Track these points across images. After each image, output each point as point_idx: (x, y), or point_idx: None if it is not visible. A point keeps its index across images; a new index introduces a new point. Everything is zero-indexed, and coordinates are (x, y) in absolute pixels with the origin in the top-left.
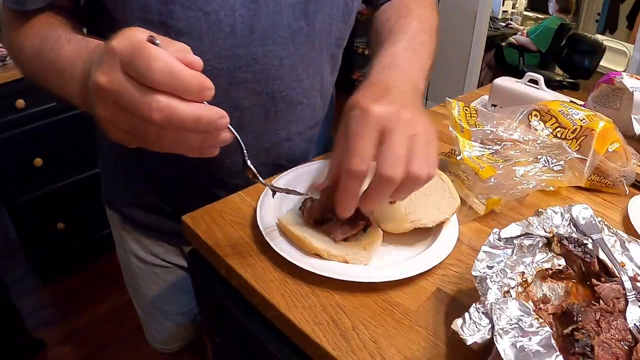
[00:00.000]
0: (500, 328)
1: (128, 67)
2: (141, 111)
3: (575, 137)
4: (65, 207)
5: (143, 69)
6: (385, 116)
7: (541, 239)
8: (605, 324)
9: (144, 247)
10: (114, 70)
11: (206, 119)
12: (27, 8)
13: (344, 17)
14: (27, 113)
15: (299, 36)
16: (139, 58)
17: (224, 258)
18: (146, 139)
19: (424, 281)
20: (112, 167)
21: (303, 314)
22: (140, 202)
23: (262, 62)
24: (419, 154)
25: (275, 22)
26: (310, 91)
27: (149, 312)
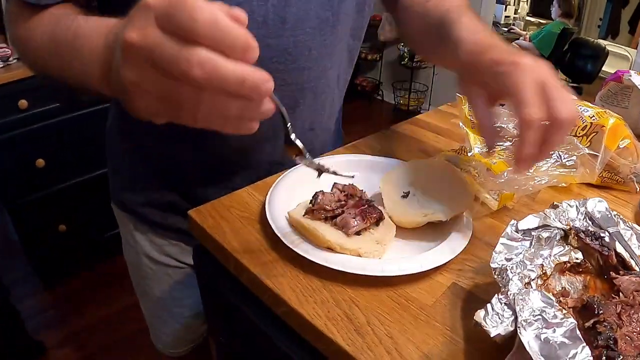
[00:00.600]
0: (524, 320)
1: (166, 20)
2: (179, 66)
3: (586, 134)
4: (66, 208)
5: (185, 20)
6: (535, 67)
7: (559, 231)
8: (626, 317)
9: (158, 248)
10: (148, 25)
11: (251, 80)
12: (43, 2)
13: (357, 7)
14: (30, 114)
15: (326, 26)
16: (180, 9)
17: (232, 253)
18: (179, 105)
19: (439, 276)
20: (125, 167)
21: (315, 309)
22: (155, 202)
23: (293, 53)
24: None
25: (305, 12)
26: (332, 81)
27: (158, 314)
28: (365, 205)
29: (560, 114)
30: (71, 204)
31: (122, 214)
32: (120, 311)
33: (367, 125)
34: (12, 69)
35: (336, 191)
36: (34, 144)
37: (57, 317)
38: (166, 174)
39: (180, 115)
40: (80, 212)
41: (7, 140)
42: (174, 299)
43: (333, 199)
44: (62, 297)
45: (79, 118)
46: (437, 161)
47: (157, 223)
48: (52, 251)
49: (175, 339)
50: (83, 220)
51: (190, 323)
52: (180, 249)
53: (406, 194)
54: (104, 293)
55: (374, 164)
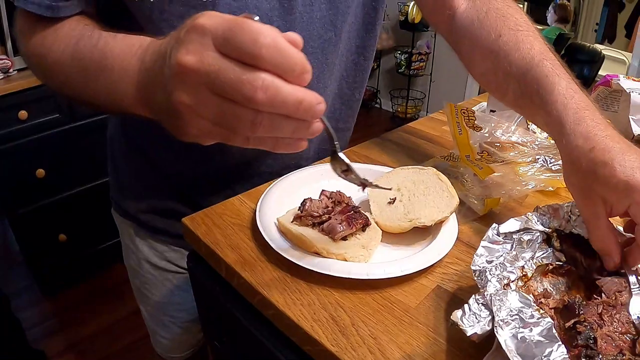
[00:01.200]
0: (501, 319)
1: (226, 43)
2: (242, 91)
3: None
4: (66, 218)
5: (248, 44)
6: None
7: (540, 234)
8: (607, 317)
9: (158, 254)
10: (205, 49)
11: (307, 102)
12: (61, 15)
13: (365, 27)
14: (30, 124)
15: (328, 46)
16: (242, 33)
17: (223, 258)
18: (234, 128)
19: (423, 279)
20: (126, 174)
21: (302, 311)
22: (157, 208)
23: None
24: None
25: (309, 33)
26: (330, 95)
27: (158, 319)
28: (351, 212)
29: None
30: (71, 214)
31: (123, 220)
32: (121, 320)
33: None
34: (13, 80)
35: (324, 198)
36: (34, 155)
37: (58, 327)
38: (168, 183)
39: (232, 137)
40: (80, 222)
41: (8, 151)
42: (173, 304)
43: (321, 205)
44: (62, 307)
45: (78, 128)
46: (423, 168)
47: (157, 229)
48: (52, 261)
49: (175, 344)
50: (83, 230)
51: (190, 327)
52: (180, 254)
53: (393, 200)
54: (104, 302)
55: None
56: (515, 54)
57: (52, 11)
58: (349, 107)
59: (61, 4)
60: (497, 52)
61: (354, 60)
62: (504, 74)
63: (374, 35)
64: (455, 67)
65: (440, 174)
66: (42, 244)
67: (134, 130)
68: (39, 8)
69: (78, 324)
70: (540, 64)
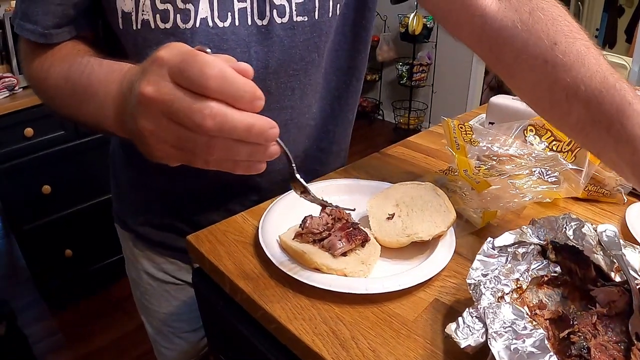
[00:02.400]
0: (494, 331)
1: (178, 74)
2: (193, 119)
3: (571, 149)
4: (72, 234)
5: (196, 75)
6: None
7: (535, 246)
8: (602, 327)
9: (156, 265)
10: (162, 80)
11: (258, 127)
12: (54, 41)
13: (355, 47)
14: (36, 141)
15: (311, 67)
16: (191, 64)
17: (227, 275)
18: (193, 151)
19: (421, 292)
20: (126, 188)
21: (303, 326)
22: (153, 221)
23: (276, 94)
24: None
25: (290, 56)
26: (317, 113)
27: (160, 330)
28: (350, 228)
29: None
30: (77, 230)
31: (123, 232)
32: (127, 334)
33: (368, 145)
34: (18, 98)
35: (324, 215)
36: (40, 171)
37: (65, 341)
38: (165, 199)
39: (193, 160)
40: (86, 237)
41: (14, 168)
42: (173, 315)
43: (321, 222)
44: (69, 321)
45: (83, 145)
46: (421, 183)
47: (154, 241)
48: (58, 276)
49: (177, 354)
50: (89, 245)
51: (191, 338)
52: (177, 266)
53: (391, 216)
54: (110, 317)
55: (362, 188)
56: (581, 69)
57: (45, 38)
58: (343, 128)
59: (53, 31)
60: (554, 63)
61: (345, 82)
62: (565, 94)
63: (365, 55)
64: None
65: (438, 189)
66: (48, 260)
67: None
68: (33, 35)
69: (84, 338)
70: (618, 86)
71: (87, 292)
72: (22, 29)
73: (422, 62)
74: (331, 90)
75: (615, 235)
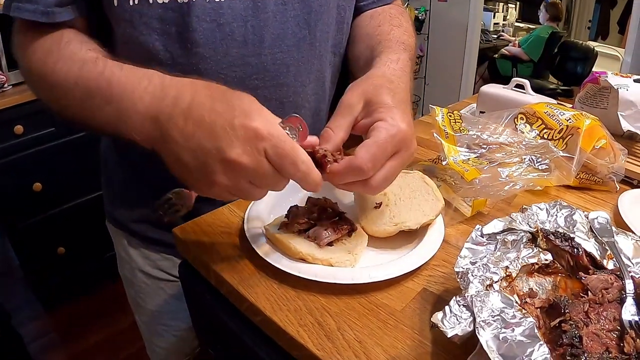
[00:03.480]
0: (482, 320)
1: (276, 161)
2: (272, 188)
3: (562, 136)
4: (65, 231)
5: (289, 166)
6: (407, 139)
7: (525, 234)
8: (594, 315)
9: (151, 262)
10: (257, 154)
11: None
12: (57, 20)
13: (337, 26)
14: (26, 139)
15: (303, 44)
16: (289, 156)
17: (212, 267)
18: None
19: (409, 282)
20: (119, 185)
21: (288, 317)
22: (147, 217)
23: (272, 70)
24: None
25: (282, 31)
26: (311, 95)
27: (153, 328)
28: (336, 218)
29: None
30: (69, 227)
31: (116, 230)
32: (122, 332)
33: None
34: (7, 96)
35: (310, 205)
36: (30, 169)
37: (59, 340)
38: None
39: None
40: (78, 235)
41: (4, 166)
42: (168, 312)
43: (307, 212)
44: (63, 320)
45: (74, 141)
46: (409, 171)
47: (149, 238)
48: (52, 274)
49: (170, 352)
50: (82, 242)
51: (185, 336)
52: (172, 262)
53: (379, 205)
54: (104, 315)
55: None
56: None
57: (47, 17)
58: (328, 106)
59: (56, 9)
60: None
61: (330, 60)
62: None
63: (343, 33)
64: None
65: (426, 177)
66: (41, 258)
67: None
68: (34, 14)
69: (79, 336)
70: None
71: (81, 290)
72: (21, 10)
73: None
74: (321, 70)
75: (608, 222)
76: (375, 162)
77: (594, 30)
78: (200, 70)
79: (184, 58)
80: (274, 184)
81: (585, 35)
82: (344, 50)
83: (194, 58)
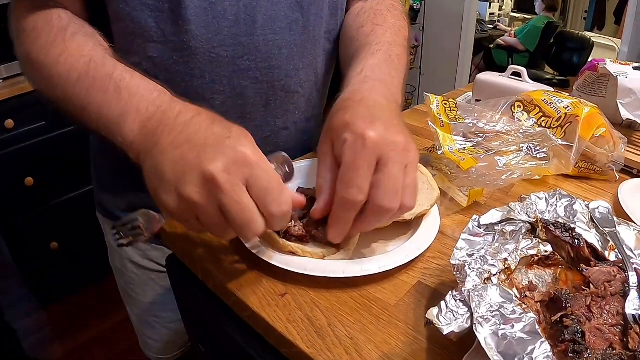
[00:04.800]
0: (480, 316)
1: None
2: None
3: (560, 125)
4: (57, 226)
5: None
6: (382, 143)
7: (524, 224)
8: (597, 309)
9: (141, 253)
10: (237, 177)
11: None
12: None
13: (330, 11)
14: (16, 133)
15: (296, 27)
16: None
17: (199, 260)
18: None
19: (404, 275)
20: (106, 173)
21: (277, 313)
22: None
23: (263, 51)
24: (411, 185)
25: (275, 12)
26: (305, 81)
27: (145, 319)
28: None
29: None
30: (62, 221)
31: (105, 219)
32: (116, 326)
33: None
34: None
35: None
36: (22, 163)
37: (54, 335)
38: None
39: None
40: (71, 229)
41: None
42: (159, 304)
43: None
44: (58, 315)
45: (65, 135)
46: None
47: None
48: (45, 269)
49: (164, 344)
50: (75, 237)
51: (177, 328)
52: (162, 252)
53: None
54: (98, 309)
55: None
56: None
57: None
58: (322, 93)
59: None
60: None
61: (323, 46)
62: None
63: (337, 19)
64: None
65: (421, 166)
66: (34, 253)
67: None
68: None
69: (74, 332)
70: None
71: (75, 284)
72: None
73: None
74: (316, 57)
75: (609, 212)
76: (354, 184)
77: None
78: (191, 49)
79: (175, 36)
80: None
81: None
82: (337, 37)
83: (185, 36)
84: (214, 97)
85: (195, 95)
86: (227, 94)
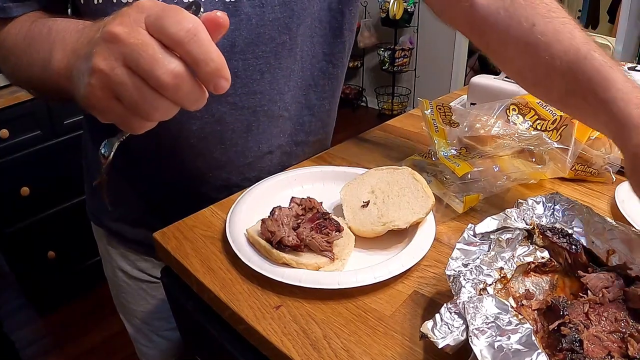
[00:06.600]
0: (476, 328)
1: (154, 22)
2: (154, 69)
3: (556, 127)
4: (54, 235)
5: (172, 24)
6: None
7: (521, 232)
8: (595, 316)
9: (131, 263)
10: (136, 24)
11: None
12: (13, 15)
13: (332, 32)
14: (11, 142)
15: (282, 50)
16: (170, 14)
17: (194, 273)
18: (134, 107)
19: (399, 285)
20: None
21: (272, 325)
22: (127, 217)
23: (243, 76)
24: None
25: (258, 35)
26: (291, 104)
27: (139, 328)
28: (320, 219)
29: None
30: (59, 230)
31: (97, 228)
32: (114, 335)
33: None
34: None
35: (294, 205)
36: (17, 173)
37: (53, 345)
38: (138, 193)
39: (129, 118)
40: (68, 238)
41: None
42: (151, 313)
43: (290, 213)
44: (55, 325)
45: (60, 144)
46: (398, 168)
47: (127, 238)
48: (42, 278)
49: (159, 353)
50: (72, 245)
51: (171, 336)
52: (152, 264)
53: (366, 204)
54: (96, 318)
55: (337, 175)
56: (557, 45)
57: (3, 12)
58: (318, 118)
59: (12, 4)
60: (534, 44)
61: (321, 68)
62: (546, 70)
63: (342, 41)
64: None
65: (416, 173)
66: (31, 262)
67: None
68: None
69: (72, 340)
70: (589, 56)
71: (73, 293)
72: None
73: (404, 47)
74: (306, 78)
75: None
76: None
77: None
78: None
79: None
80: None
81: None
82: (346, 60)
83: None
84: (190, 122)
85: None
86: (204, 119)
